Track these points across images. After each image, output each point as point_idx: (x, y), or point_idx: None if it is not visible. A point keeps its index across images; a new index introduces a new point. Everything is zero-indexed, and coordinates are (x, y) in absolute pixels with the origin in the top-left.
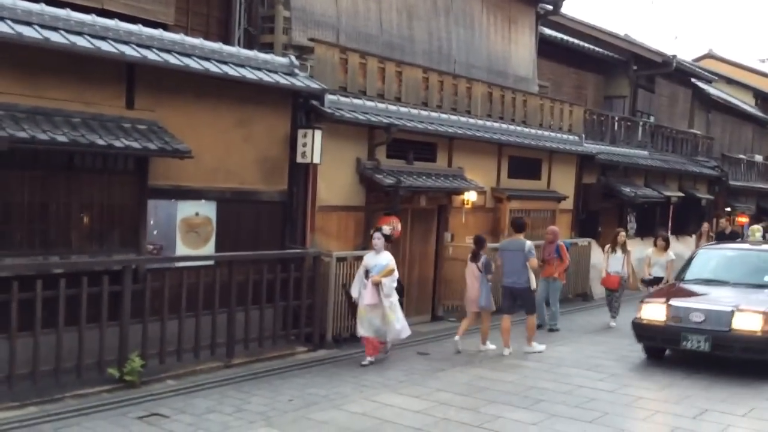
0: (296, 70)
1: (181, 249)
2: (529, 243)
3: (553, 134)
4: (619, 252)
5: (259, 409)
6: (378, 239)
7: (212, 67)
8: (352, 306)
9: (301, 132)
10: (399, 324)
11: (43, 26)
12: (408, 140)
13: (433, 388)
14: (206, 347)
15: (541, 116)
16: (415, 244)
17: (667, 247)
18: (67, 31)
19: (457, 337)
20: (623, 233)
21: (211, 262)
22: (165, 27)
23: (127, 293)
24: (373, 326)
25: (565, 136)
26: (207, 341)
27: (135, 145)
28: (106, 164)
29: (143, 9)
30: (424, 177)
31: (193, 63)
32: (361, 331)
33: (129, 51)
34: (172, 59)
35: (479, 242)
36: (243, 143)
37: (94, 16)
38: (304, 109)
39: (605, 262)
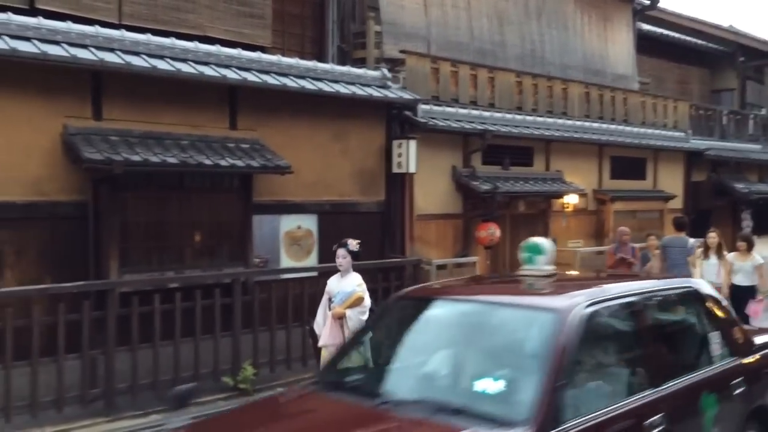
0: (389, 83)
1: (286, 261)
2: (691, 240)
3: (657, 131)
4: (713, 257)
5: None
6: (343, 258)
7: (308, 85)
8: (317, 349)
9: (395, 143)
10: None
11: (150, 55)
12: (503, 146)
13: None
14: (313, 356)
15: (644, 114)
16: (517, 250)
17: (750, 248)
18: (173, 59)
19: None
20: (714, 234)
21: (314, 273)
22: (263, 49)
23: (238, 305)
24: None
25: (670, 133)
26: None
27: (239, 163)
28: (214, 183)
29: (242, 34)
30: (521, 182)
31: (290, 82)
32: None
33: (230, 74)
34: (270, 80)
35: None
36: (340, 156)
37: (197, 43)
38: (398, 120)
39: (697, 270)
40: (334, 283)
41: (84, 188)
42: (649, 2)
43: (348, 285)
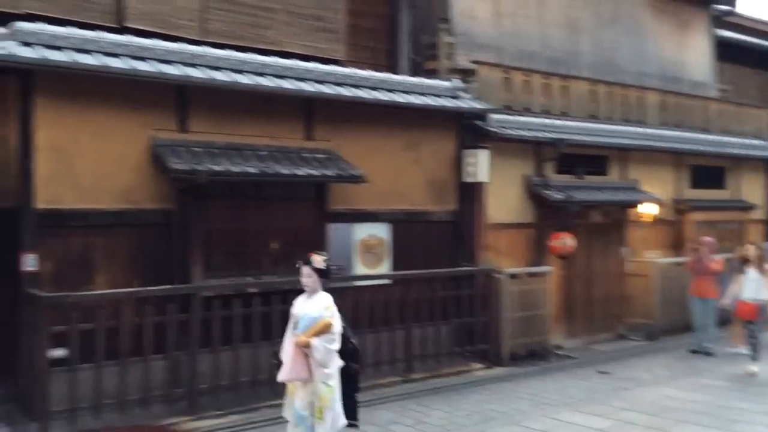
0: (460, 93)
1: (359, 269)
2: None
3: (737, 140)
4: (753, 272)
5: (439, 422)
6: (307, 276)
7: (381, 96)
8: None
9: (467, 152)
10: (330, 415)
11: (231, 70)
12: (577, 154)
13: (616, 407)
14: (386, 362)
15: (723, 121)
16: (593, 260)
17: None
18: (253, 73)
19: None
20: (752, 247)
21: (387, 281)
22: (337, 63)
23: None
24: (294, 412)
25: (750, 141)
26: (386, 356)
27: (315, 173)
28: (291, 192)
29: (317, 48)
30: (595, 191)
31: (363, 93)
32: (285, 414)
33: (307, 87)
34: (345, 91)
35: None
36: (412, 166)
37: (275, 57)
38: (469, 130)
39: (736, 286)
40: (299, 305)
41: (170, 197)
42: (726, 8)
43: (315, 308)
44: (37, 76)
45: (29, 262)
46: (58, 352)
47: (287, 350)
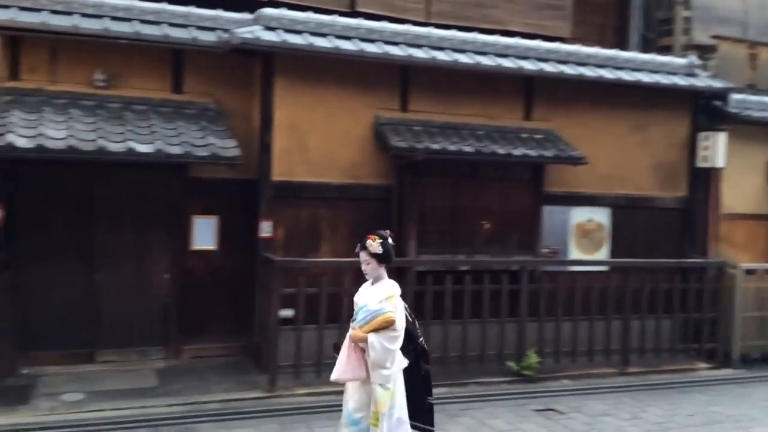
0: (696, 71)
1: (574, 253)
2: None
3: None
4: None
5: (656, 419)
6: (365, 264)
7: (607, 74)
8: None
9: (701, 135)
10: (388, 423)
11: (453, 50)
12: None
13: None
14: (600, 352)
15: None
16: None
17: None
18: (474, 53)
19: None
20: None
21: (604, 268)
22: (562, 40)
23: (525, 292)
24: (347, 415)
25: None
26: (601, 346)
27: (531, 153)
28: (506, 172)
29: (542, 26)
30: None
31: (587, 71)
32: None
33: (527, 65)
34: (567, 69)
35: None
36: (638, 149)
37: (497, 36)
38: (705, 111)
39: None
40: (360, 294)
41: (389, 173)
42: None
43: (375, 299)
44: (278, 58)
45: (265, 229)
46: (287, 313)
47: (344, 345)
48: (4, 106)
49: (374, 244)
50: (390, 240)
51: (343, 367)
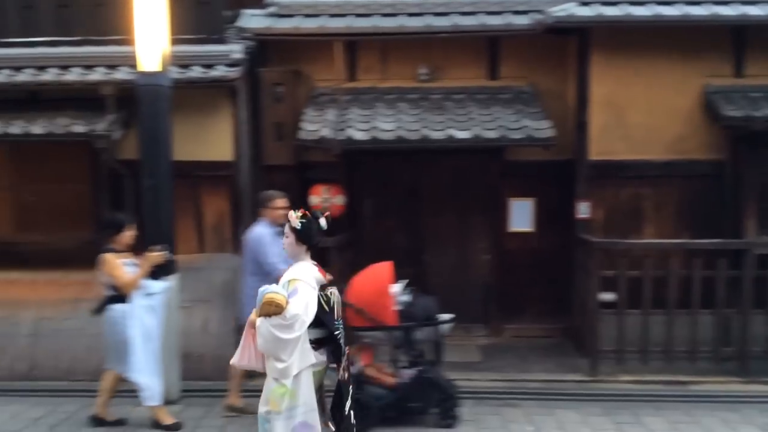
0: None
1: None
2: None
3: None
4: None
5: None
6: (285, 236)
7: None
8: None
9: None
10: (285, 424)
11: None
12: None
13: None
14: None
15: None
16: None
17: None
18: None
19: None
20: None
21: None
22: None
23: None
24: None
25: None
26: None
27: None
28: None
29: None
30: None
31: None
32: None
33: None
34: None
35: None
36: None
37: None
38: None
39: None
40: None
41: (720, 146)
42: None
43: (282, 280)
44: (593, 32)
45: (582, 210)
46: (608, 296)
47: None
48: (345, 104)
49: (294, 219)
50: (322, 220)
51: (239, 352)
